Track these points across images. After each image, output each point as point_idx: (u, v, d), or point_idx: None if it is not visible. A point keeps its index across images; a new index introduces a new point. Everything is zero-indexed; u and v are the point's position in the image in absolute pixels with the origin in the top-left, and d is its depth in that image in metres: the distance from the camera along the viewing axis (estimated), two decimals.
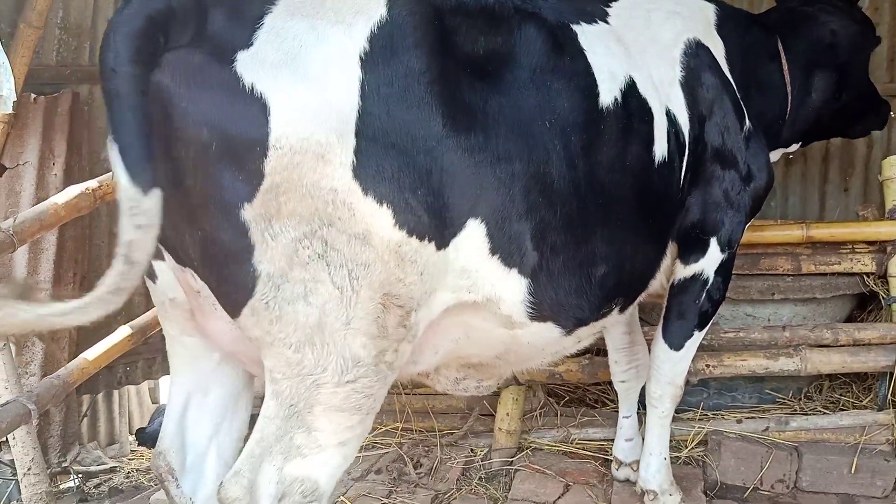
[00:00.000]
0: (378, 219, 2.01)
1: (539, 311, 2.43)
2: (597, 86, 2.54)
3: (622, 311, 2.87)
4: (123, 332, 3.41)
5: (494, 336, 2.49)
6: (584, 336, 2.80)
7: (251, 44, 1.93)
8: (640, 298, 3.08)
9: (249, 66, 1.90)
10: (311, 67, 1.95)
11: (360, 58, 2.02)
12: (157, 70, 1.88)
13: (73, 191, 2.92)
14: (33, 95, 4.43)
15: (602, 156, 2.51)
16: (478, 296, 2.31)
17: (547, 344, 2.63)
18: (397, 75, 2.05)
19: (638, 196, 2.67)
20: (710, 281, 3.21)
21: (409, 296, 2.11)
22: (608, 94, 2.57)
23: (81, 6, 4.80)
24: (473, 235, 2.21)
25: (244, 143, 1.89)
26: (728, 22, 3.47)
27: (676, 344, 3.33)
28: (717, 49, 3.29)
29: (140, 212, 1.80)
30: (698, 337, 3.35)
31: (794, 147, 3.98)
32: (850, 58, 3.77)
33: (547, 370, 4.05)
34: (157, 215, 1.83)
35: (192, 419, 2.45)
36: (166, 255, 2.18)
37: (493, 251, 2.26)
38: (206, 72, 1.89)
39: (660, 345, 3.37)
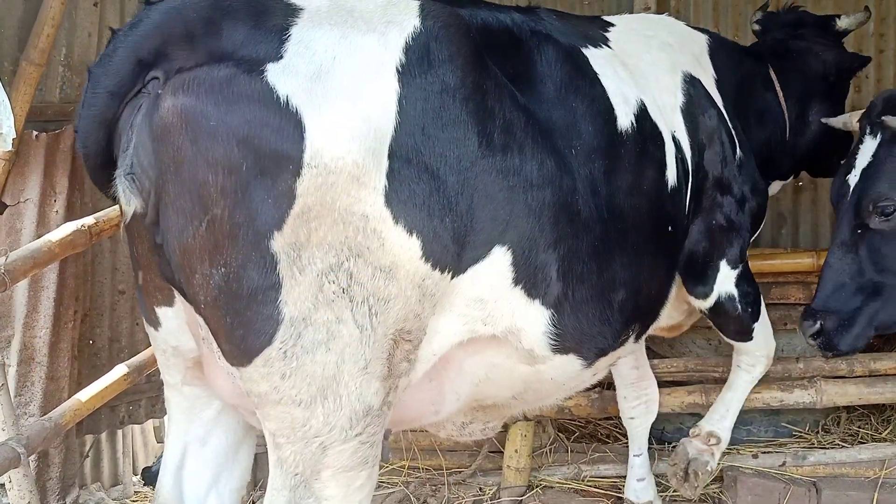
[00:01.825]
0: (407, 251, 1.90)
1: (562, 342, 2.36)
2: (613, 109, 2.52)
3: (637, 339, 2.84)
4: (119, 371, 3.32)
5: (516, 374, 2.42)
6: (602, 368, 2.76)
7: (281, 56, 1.82)
8: (653, 328, 3.04)
9: (282, 78, 1.80)
10: (346, 80, 1.85)
11: (397, 70, 1.92)
12: (171, 95, 1.79)
13: (68, 228, 2.85)
14: (35, 133, 4.41)
15: (622, 181, 2.50)
16: (496, 328, 2.22)
17: (568, 378, 2.57)
18: (433, 90, 1.96)
19: (654, 220, 2.66)
20: (737, 294, 3.21)
21: (419, 329, 2.03)
22: (625, 118, 2.56)
23: (85, 44, 4.79)
24: (497, 263, 2.12)
25: (277, 161, 1.77)
26: (720, 52, 3.50)
27: (747, 338, 3.42)
28: (710, 79, 3.32)
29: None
30: (762, 321, 3.40)
31: (790, 179, 4.04)
32: (841, 88, 3.90)
33: (556, 405, 3.97)
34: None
35: (191, 469, 2.34)
36: (178, 298, 2.06)
37: (517, 281, 2.18)
38: (235, 85, 1.78)
39: (738, 348, 3.49)
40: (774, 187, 3.91)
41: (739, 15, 5.65)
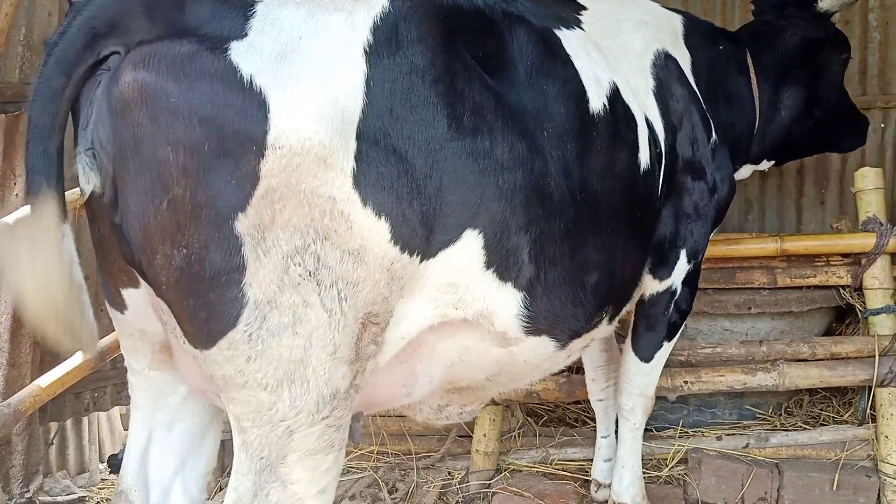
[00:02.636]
0: (375, 234, 1.87)
1: (535, 324, 2.35)
2: (585, 92, 2.51)
3: (611, 321, 2.85)
4: (80, 357, 3.26)
5: (489, 356, 2.40)
6: (575, 350, 2.76)
7: (245, 34, 1.77)
8: (625, 309, 3.06)
9: (246, 56, 1.75)
10: (313, 60, 1.81)
11: (365, 50, 1.88)
12: (131, 70, 1.73)
13: (26, 211, 2.78)
14: None
15: (595, 163, 2.48)
16: (467, 312, 2.20)
17: (542, 360, 2.56)
18: (402, 71, 1.92)
19: (627, 202, 2.65)
20: (679, 292, 3.23)
21: (386, 311, 2.01)
22: (597, 99, 2.54)
23: (45, 23, 4.68)
24: (469, 247, 2.10)
25: (240, 141, 1.72)
26: (695, 33, 3.49)
27: (646, 356, 3.37)
28: (684, 60, 3.31)
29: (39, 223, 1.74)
30: (668, 347, 3.38)
31: (766, 164, 3.99)
32: (822, 72, 3.78)
33: (525, 389, 3.99)
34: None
35: (156, 455, 2.30)
36: (141, 280, 1.99)
37: (489, 264, 2.16)
38: (197, 62, 1.72)
39: (630, 357, 3.41)
40: (744, 171, 3.91)
41: (708, 1, 5.68)
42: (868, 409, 4.06)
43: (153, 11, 1.77)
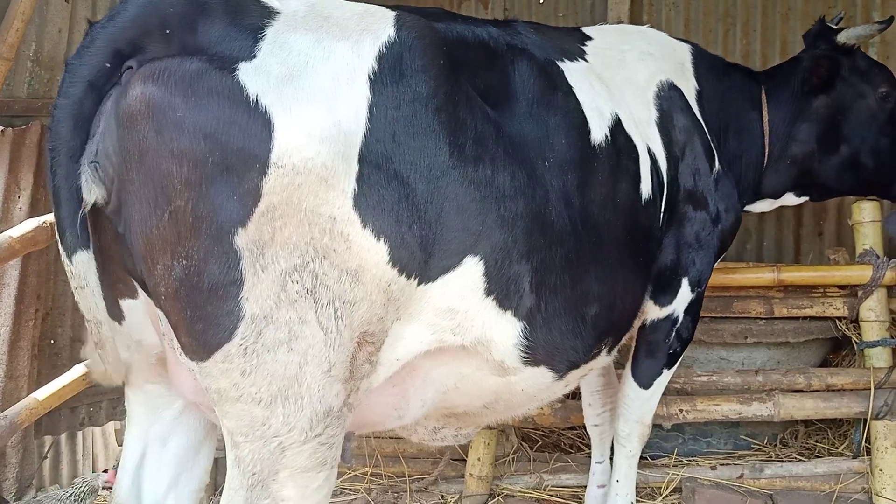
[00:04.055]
0: (373, 255, 1.91)
1: (533, 354, 2.36)
2: (587, 123, 2.54)
3: (609, 352, 2.85)
4: (78, 370, 3.26)
5: (486, 385, 2.42)
6: (573, 380, 2.76)
7: (254, 55, 1.84)
8: (625, 339, 3.06)
9: (253, 77, 1.81)
10: (318, 84, 1.87)
11: (370, 77, 1.94)
12: (140, 83, 1.78)
13: (30, 224, 2.81)
14: (1, 128, 4.35)
15: (596, 193, 2.51)
16: (465, 339, 2.22)
17: (539, 390, 2.57)
18: (405, 99, 1.98)
19: (628, 233, 2.67)
20: (680, 320, 3.23)
21: (382, 331, 2.03)
22: (599, 131, 2.58)
23: (55, 39, 4.74)
24: (469, 274, 2.13)
25: (244, 158, 1.77)
26: (704, 63, 3.49)
27: (645, 382, 3.36)
28: (690, 91, 3.32)
29: (70, 274, 1.80)
30: (667, 375, 3.38)
31: (795, 199, 3.81)
32: (849, 108, 3.60)
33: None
34: (86, 277, 1.83)
35: (150, 470, 2.31)
36: (140, 291, 2.04)
37: (489, 292, 2.19)
38: (205, 80, 1.78)
39: (629, 383, 3.40)
40: (764, 205, 3.80)
41: (710, 32, 5.75)
42: (863, 442, 4.05)
43: (169, 31, 1.83)
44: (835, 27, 3.66)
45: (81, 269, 1.86)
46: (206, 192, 1.77)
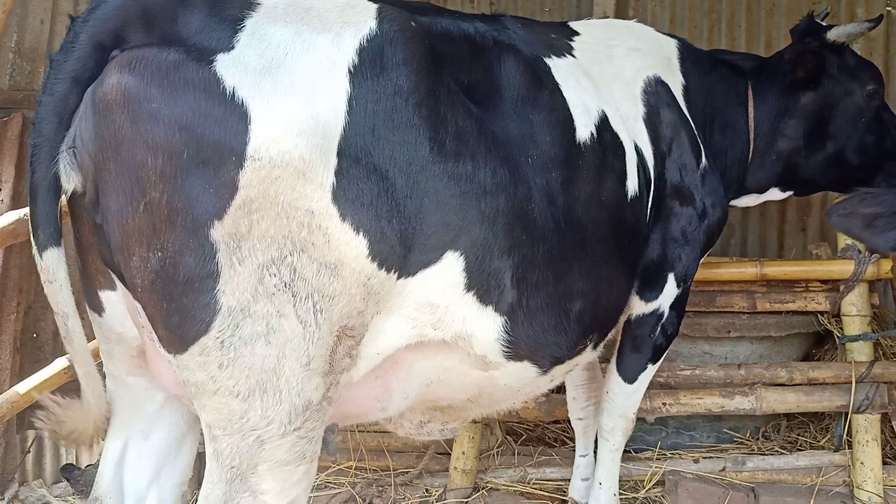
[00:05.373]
0: (353, 248, 1.91)
1: (515, 349, 2.37)
2: (573, 120, 2.54)
3: (595, 347, 2.86)
4: (60, 364, 3.23)
5: (469, 379, 2.42)
6: (558, 375, 2.77)
7: (232, 47, 1.83)
8: (610, 335, 3.07)
9: (230, 69, 1.80)
10: (297, 77, 1.86)
11: (349, 70, 1.93)
12: (116, 72, 1.77)
13: (10, 217, 2.77)
14: None
15: (581, 191, 2.51)
16: (446, 334, 2.23)
17: (523, 385, 2.58)
18: (385, 92, 1.97)
19: (613, 230, 2.67)
20: (666, 315, 3.24)
21: (362, 325, 2.03)
22: (584, 128, 2.58)
23: (37, 31, 4.71)
24: (449, 269, 2.13)
25: (219, 151, 1.76)
26: (690, 58, 3.49)
27: (630, 377, 3.38)
28: (676, 85, 3.33)
29: (40, 268, 1.80)
30: (652, 370, 3.40)
31: (780, 194, 3.82)
32: (836, 105, 3.59)
33: None
34: (55, 272, 1.82)
35: (132, 464, 2.30)
36: (119, 283, 2.03)
37: (469, 287, 2.19)
38: (182, 71, 1.77)
39: (614, 377, 3.41)
40: (749, 200, 3.81)
41: (695, 28, 5.76)
42: (844, 435, 4.09)
43: (149, 22, 1.82)
44: (823, 24, 3.67)
45: (51, 264, 1.85)
46: (181, 184, 1.76)
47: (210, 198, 1.77)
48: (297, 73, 1.86)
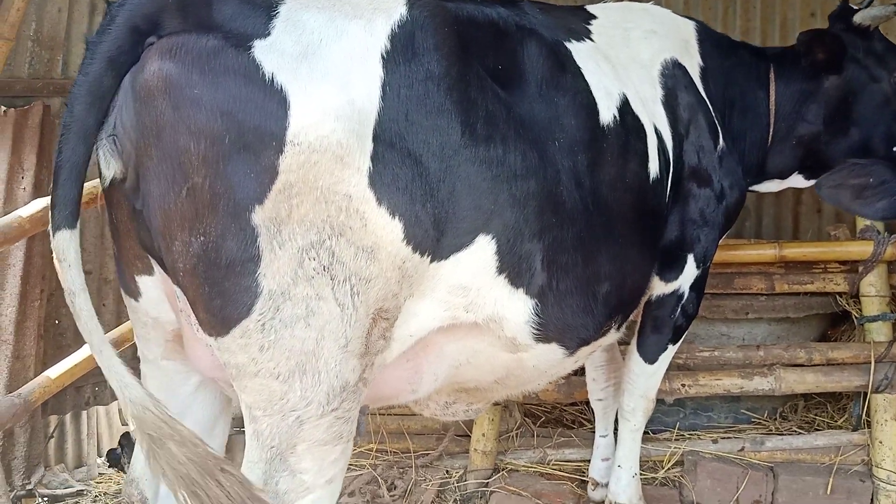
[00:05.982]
0: (388, 232, 1.93)
1: (545, 331, 2.40)
2: (596, 104, 2.56)
3: (619, 328, 2.89)
4: (88, 349, 3.30)
5: (497, 361, 2.45)
6: (583, 357, 2.80)
7: (268, 33, 1.85)
8: (632, 316, 3.10)
9: (268, 55, 1.82)
10: (332, 63, 1.88)
11: (382, 56, 1.96)
12: (157, 58, 1.80)
13: (39, 204, 2.81)
14: (3, 108, 4.34)
15: (606, 173, 2.53)
16: (478, 316, 2.26)
17: (550, 366, 2.61)
18: (417, 78, 1.99)
19: (637, 212, 2.70)
20: (686, 296, 3.26)
21: (396, 308, 2.06)
22: (607, 111, 2.60)
23: (55, 19, 4.72)
24: (481, 252, 2.16)
25: (260, 136, 1.79)
26: (709, 41, 3.48)
27: (651, 357, 3.40)
28: (694, 68, 3.32)
29: (53, 247, 1.80)
30: (672, 350, 3.42)
31: (804, 181, 3.73)
32: (861, 90, 3.51)
33: None
34: (65, 252, 1.82)
35: None
36: (156, 267, 2.06)
37: (501, 270, 2.22)
38: (222, 57, 1.80)
39: (634, 358, 3.43)
40: (772, 185, 3.76)
41: (710, 9, 5.74)
42: (863, 415, 4.10)
43: (185, 8, 1.84)
44: (855, 7, 3.56)
45: (62, 245, 1.86)
46: (223, 169, 1.79)
47: (251, 182, 1.80)
48: (332, 60, 1.89)
